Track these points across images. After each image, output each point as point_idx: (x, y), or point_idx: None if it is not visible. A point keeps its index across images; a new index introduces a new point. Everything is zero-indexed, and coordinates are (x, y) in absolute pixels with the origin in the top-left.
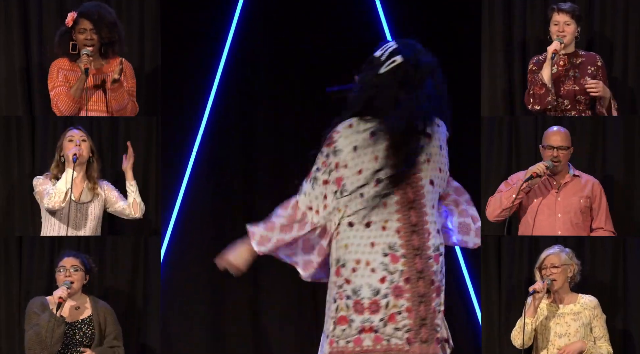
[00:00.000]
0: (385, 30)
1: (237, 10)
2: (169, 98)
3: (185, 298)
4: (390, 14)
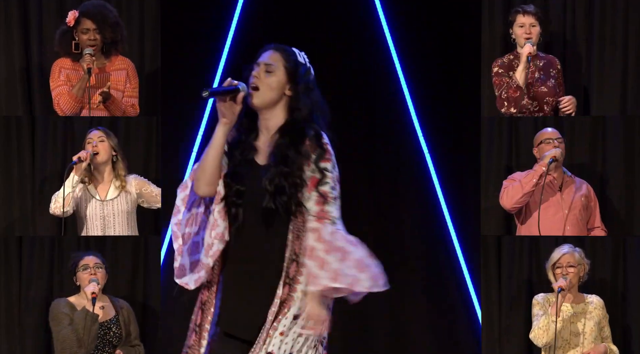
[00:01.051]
0: (385, 30)
1: (237, 10)
2: (169, 98)
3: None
4: (390, 13)
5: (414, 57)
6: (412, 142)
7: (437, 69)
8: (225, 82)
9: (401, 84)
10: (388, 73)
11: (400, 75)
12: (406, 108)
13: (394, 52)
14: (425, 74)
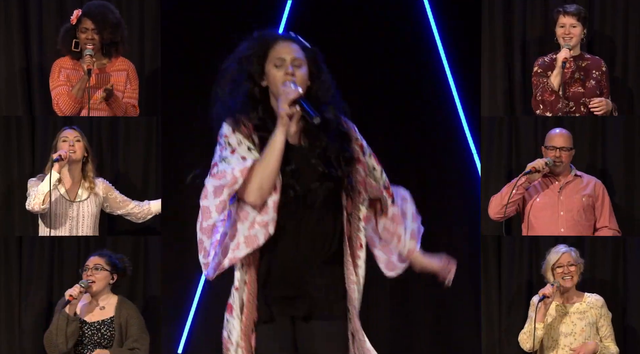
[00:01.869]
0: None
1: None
2: (169, 98)
3: (185, 298)
4: (390, 13)
5: (414, 57)
6: (412, 142)
7: (437, 69)
8: (294, 94)
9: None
10: (388, 73)
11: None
12: (408, 108)
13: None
14: (426, 74)
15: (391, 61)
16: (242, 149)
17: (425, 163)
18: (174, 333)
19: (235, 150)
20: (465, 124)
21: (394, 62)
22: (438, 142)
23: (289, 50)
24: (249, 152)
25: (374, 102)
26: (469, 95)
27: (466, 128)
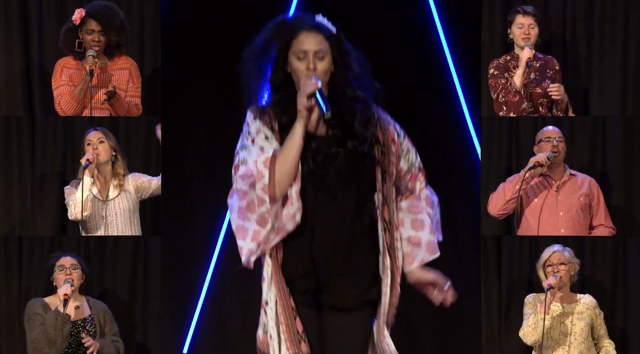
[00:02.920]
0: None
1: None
2: (169, 98)
3: (185, 298)
4: (389, 14)
5: (414, 57)
6: (412, 142)
7: (436, 69)
8: (312, 87)
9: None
10: (388, 73)
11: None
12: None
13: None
14: (427, 74)
15: (392, 61)
16: (260, 138)
17: (425, 163)
18: (174, 333)
19: (254, 140)
20: (470, 124)
21: (394, 61)
22: (438, 142)
23: (312, 41)
24: (266, 140)
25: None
26: (469, 95)
27: (471, 128)
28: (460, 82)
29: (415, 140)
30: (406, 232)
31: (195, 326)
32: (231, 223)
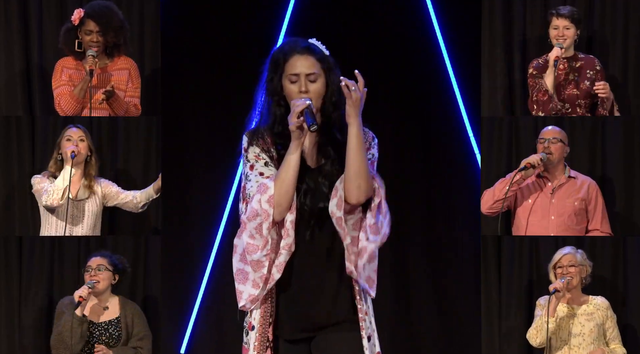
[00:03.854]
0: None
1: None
2: (169, 98)
3: (185, 298)
4: (389, 14)
5: (414, 57)
6: (411, 141)
7: (437, 69)
8: (301, 107)
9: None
10: (388, 73)
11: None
12: (408, 108)
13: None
14: (426, 74)
15: (392, 61)
16: (260, 164)
17: (425, 163)
18: (175, 333)
19: (253, 166)
20: (468, 124)
21: (394, 61)
22: (438, 142)
23: (304, 64)
24: (266, 167)
25: (374, 103)
26: (470, 95)
27: (469, 128)
28: (460, 82)
29: (415, 140)
30: None
31: (192, 326)
32: (233, 264)
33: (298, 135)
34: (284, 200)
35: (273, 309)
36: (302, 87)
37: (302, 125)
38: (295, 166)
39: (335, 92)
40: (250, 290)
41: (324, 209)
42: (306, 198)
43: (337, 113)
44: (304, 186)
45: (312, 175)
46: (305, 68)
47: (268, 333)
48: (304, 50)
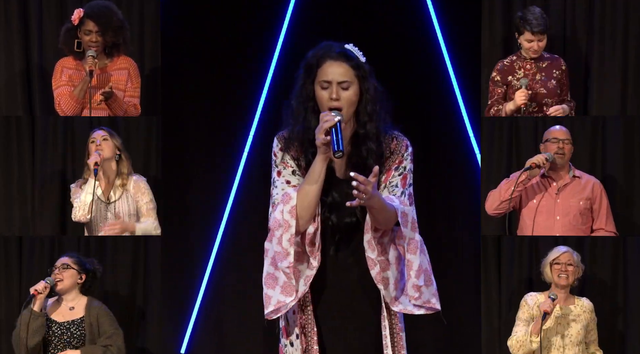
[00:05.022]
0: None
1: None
2: (169, 98)
3: (185, 298)
4: (390, 14)
5: (414, 57)
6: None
7: (437, 69)
8: (329, 123)
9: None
10: (387, 73)
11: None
12: (409, 108)
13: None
14: (427, 75)
15: (392, 61)
16: (287, 172)
17: (425, 163)
18: (175, 333)
19: (280, 173)
20: (468, 124)
21: (394, 61)
22: (438, 141)
23: (336, 71)
24: (293, 175)
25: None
26: (470, 95)
27: (469, 128)
28: (460, 82)
29: (415, 140)
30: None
31: (192, 327)
32: (264, 267)
33: (324, 150)
34: (306, 212)
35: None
36: (333, 94)
37: (328, 143)
38: (320, 179)
39: (370, 101)
40: (279, 296)
41: (350, 224)
42: (332, 213)
43: (372, 124)
44: (329, 199)
45: (340, 187)
46: (338, 75)
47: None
48: (338, 56)
